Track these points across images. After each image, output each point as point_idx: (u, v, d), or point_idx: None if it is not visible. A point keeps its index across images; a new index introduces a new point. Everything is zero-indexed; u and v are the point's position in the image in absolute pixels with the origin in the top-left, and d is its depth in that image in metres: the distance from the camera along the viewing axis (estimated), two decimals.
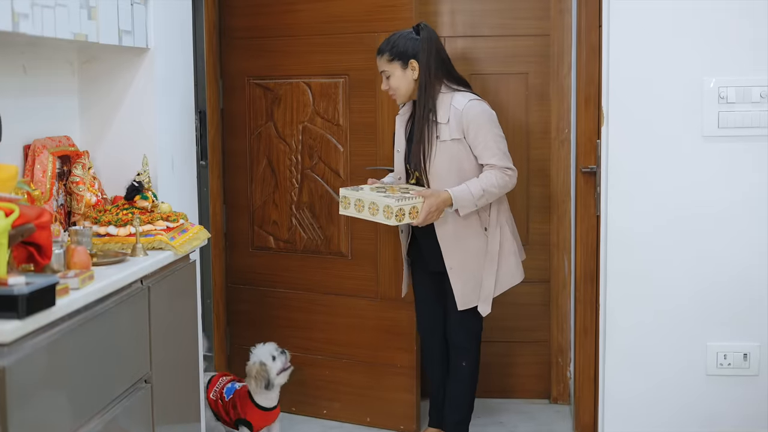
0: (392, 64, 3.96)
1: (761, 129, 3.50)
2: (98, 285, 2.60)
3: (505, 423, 4.72)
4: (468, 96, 3.93)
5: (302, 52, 4.63)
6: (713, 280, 3.59)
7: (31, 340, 2.23)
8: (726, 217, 3.56)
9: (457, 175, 3.89)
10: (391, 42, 3.98)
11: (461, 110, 3.87)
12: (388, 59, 3.96)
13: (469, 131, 3.87)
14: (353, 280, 4.64)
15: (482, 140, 3.88)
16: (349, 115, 4.54)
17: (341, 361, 4.70)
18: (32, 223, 2.37)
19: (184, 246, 3.23)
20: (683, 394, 3.64)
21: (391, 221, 3.73)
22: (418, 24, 4.01)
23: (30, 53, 3.20)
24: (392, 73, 3.97)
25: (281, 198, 4.75)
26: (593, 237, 4.32)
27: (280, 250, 4.81)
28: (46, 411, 2.32)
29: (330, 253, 4.68)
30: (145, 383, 2.98)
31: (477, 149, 3.89)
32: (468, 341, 4.15)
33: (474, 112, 3.87)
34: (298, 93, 4.65)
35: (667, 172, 3.58)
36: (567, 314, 4.93)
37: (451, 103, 3.90)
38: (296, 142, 4.68)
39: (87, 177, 3.32)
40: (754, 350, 3.59)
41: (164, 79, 3.65)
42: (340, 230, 4.64)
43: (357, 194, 3.82)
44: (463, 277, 4.00)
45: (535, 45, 4.88)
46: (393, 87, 3.98)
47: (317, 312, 4.74)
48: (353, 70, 4.51)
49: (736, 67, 3.51)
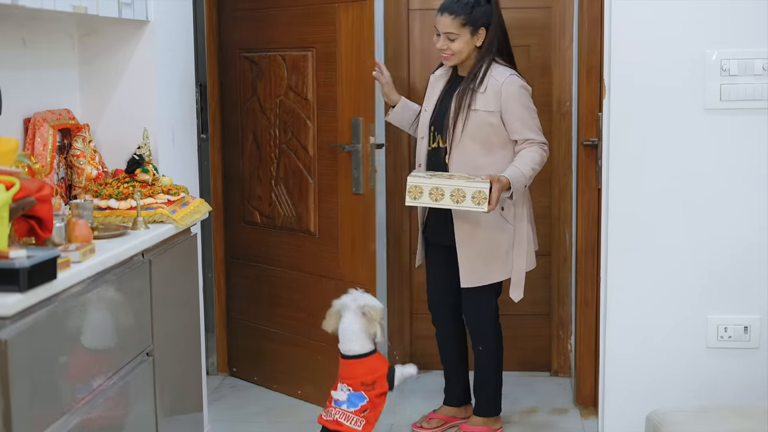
0: (463, 29, 3.88)
1: (763, 102, 3.49)
2: (99, 258, 2.60)
3: (506, 395, 4.72)
4: (508, 70, 3.92)
5: (281, 23, 4.53)
6: (714, 253, 3.59)
7: (32, 313, 2.24)
8: (727, 190, 3.56)
9: (480, 146, 3.89)
10: (468, 7, 3.88)
11: (501, 83, 3.86)
12: (461, 23, 3.88)
13: (508, 106, 3.87)
14: (321, 259, 4.49)
15: (520, 116, 3.89)
16: (316, 89, 4.40)
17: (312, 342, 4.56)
18: (33, 196, 2.37)
19: (185, 219, 3.23)
20: (684, 366, 3.65)
21: (483, 207, 3.66)
22: None
23: (29, 26, 3.19)
24: (459, 36, 3.89)
25: (264, 173, 4.70)
26: (594, 210, 4.32)
27: (264, 225, 4.77)
28: (48, 384, 2.33)
29: (300, 231, 4.57)
30: (147, 356, 2.99)
31: (513, 124, 3.88)
32: (480, 322, 4.12)
33: (514, 87, 3.88)
34: (275, 66, 4.57)
35: (668, 145, 3.57)
36: (568, 287, 4.93)
37: (491, 75, 3.89)
38: (274, 116, 4.60)
39: (88, 150, 3.32)
40: (755, 323, 3.60)
41: (164, 51, 3.64)
42: (308, 208, 4.50)
43: (431, 181, 3.69)
44: (472, 253, 3.98)
45: (537, 17, 4.86)
46: (455, 50, 3.91)
47: (291, 289, 4.67)
48: (320, 43, 4.36)
49: (738, 40, 3.49)
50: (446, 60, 3.98)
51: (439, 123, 3.99)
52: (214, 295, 5.00)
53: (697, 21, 3.51)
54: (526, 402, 4.66)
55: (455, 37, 3.89)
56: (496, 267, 4.01)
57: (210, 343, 4.96)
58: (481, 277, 4.01)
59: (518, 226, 4.00)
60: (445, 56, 3.96)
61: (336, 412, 3.63)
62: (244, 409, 4.60)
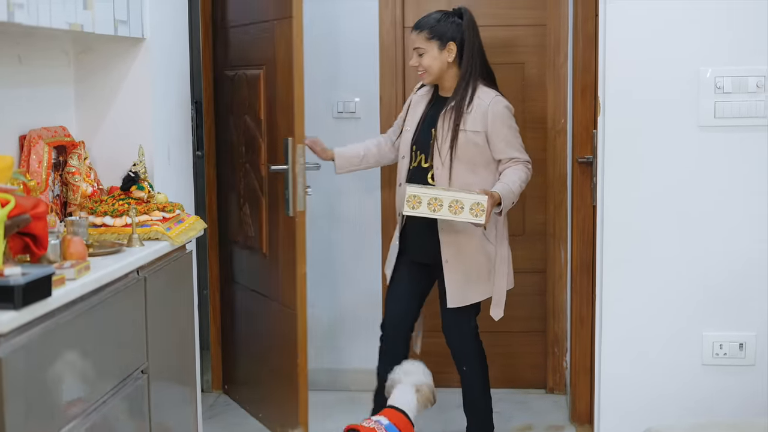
0: (430, 43, 3.94)
1: (757, 119, 3.50)
2: (94, 275, 2.60)
3: (502, 413, 4.73)
4: (492, 91, 3.98)
5: (247, 40, 4.51)
6: (709, 270, 3.59)
7: (27, 330, 2.23)
8: (722, 207, 3.56)
9: (465, 166, 3.92)
10: (432, 20, 3.95)
11: (488, 104, 3.92)
12: (427, 37, 3.94)
13: (494, 126, 3.91)
14: (269, 281, 4.44)
15: (504, 135, 3.93)
16: (265, 108, 4.32)
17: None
18: (28, 213, 2.37)
19: (180, 236, 3.23)
20: (679, 383, 3.65)
21: (480, 220, 3.67)
22: (459, 8, 4.01)
23: (25, 43, 3.20)
24: (428, 51, 3.95)
25: (234, 192, 4.70)
26: (589, 227, 4.32)
27: (236, 242, 4.76)
28: (43, 401, 2.32)
29: (258, 251, 4.51)
30: (142, 374, 2.98)
31: (499, 144, 3.92)
32: (463, 342, 4.11)
33: (500, 107, 3.94)
34: (241, 85, 4.56)
35: (663, 162, 3.57)
36: (563, 304, 4.93)
37: (478, 95, 3.94)
38: (241, 135, 4.58)
39: (83, 167, 3.32)
40: (750, 340, 3.59)
41: (160, 69, 3.65)
42: (261, 228, 4.44)
43: (430, 191, 3.69)
44: (458, 272, 3.98)
45: (532, 35, 4.88)
46: (425, 66, 3.96)
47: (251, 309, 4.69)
48: (269, 61, 4.26)
49: (732, 57, 3.50)
50: (422, 77, 4.03)
51: (422, 142, 4.01)
52: (209, 312, 4.99)
53: (691, 39, 3.52)
54: (521, 419, 4.66)
55: (423, 52, 3.95)
56: (479, 286, 4.02)
57: (205, 361, 4.95)
58: (466, 297, 4.01)
59: (499, 246, 4.03)
60: (420, 73, 4.01)
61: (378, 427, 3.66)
62: (239, 427, 4.59)
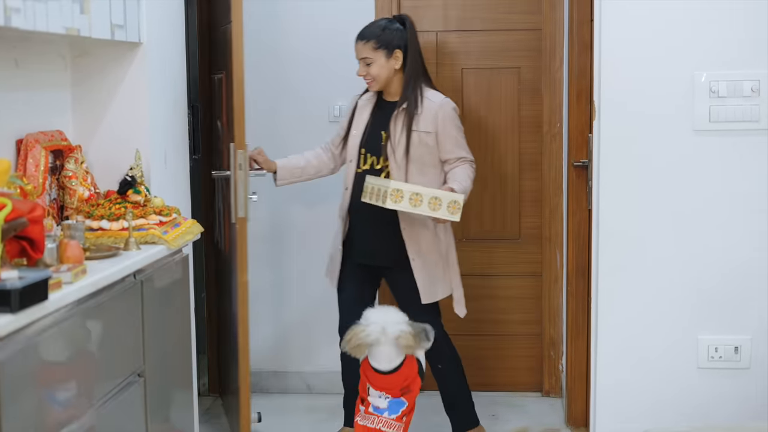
0: (377, 52, 4.00)
1: (752, 123, 3.51)
2: (91, 279, 2.60)
3: (498, 416, 4.73)
4: (439, 93, 4.09)
5: (218, 44, 4.50)
6: (705, 273, 3.60)
7: (24, 334, 2.23)
8: (717, 211, 3.57)
9: (415, 166, 4.00)
10: (377, 29, 4.02)
11: (438, 105, 4.01)
12: (373, 47, 4.00)
13: (444, 127, 4.00)
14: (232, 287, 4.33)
15: (453, 136, 4.04)
16: (226, 112, 4.28)
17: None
18: (25, 217, 2.37)
19: (176, 240, 3.24)
20: (675, 387, 3.65)
21: (456, 217, 3.77)
22: (400, 15, 4.11)
23: (22, 47, 3.20)
24: (375, 60, 4.01)
25: (219, 196, 4.69)
26: (585, 231, 4.33)
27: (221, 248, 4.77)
28: (40, 405, 2.32)
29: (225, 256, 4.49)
30: (138, 377, 2.98)
31: (448, 144, 4.02)
32: (435, 341, 4.10)
33: (449, 108, 4.04)
34: (215, 88, 4.57)
35: (658, 166, 3.59)
36: (559, 308, 4.94)
37: (426, 97, 4.02)
38: (216, 140, 4.59)
39: (80, 171, 3.32)
40: (745, 343, 3.60)
41: (157, 73, 3.65)
42: (226, 234, 4.37)
43: (413, 188, 3.77)
44: (425, 270, 4.05)
45: (527, 39, 4.89)
46: (373, 74, 4.02)
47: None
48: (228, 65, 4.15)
49: (727, 62, 3.52)
50: (369, 85, 4.08)
51: (372, 145, 4.06)
52: (205, 315, 4.99)
53: (686, 43, 3.53)
54: (517, 422, 4.66)
55: (371, 62, 4.00)
56: (442, 283, 4.11)
57: (201, 364, 4.95)
58: (435, 293, 4.09)
59: (450, 245, 4.14)
60: (368, 82, 4.06)
61: (379, 421, 3.63)
62: None
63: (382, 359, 3.61)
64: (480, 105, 4.93)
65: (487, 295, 5.00)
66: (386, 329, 3.57)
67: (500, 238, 5.00)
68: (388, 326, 3.58)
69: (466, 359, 4.98)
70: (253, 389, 5.07)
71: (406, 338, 3.57)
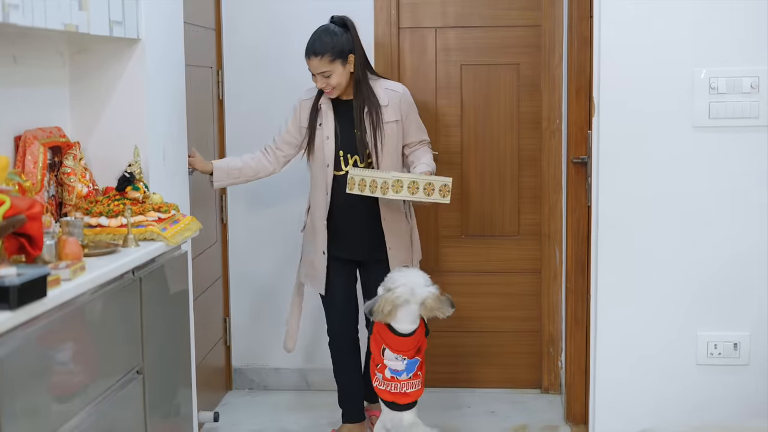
0: (334, 64, 4.05)
1: (751, 119, 3.51)
2: (89, 276, 2.60)
3: (497, 412, 4.73)
4: (392, 81, 4.34)
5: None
6: (704, 270, 3.60)
7: (22, 331, 2.23)
8: (716, 208, 3.57)
9: (392, 154, 4.14)
10: (328, 42, 4.05)
11: (401, 93, 4.17)
12: (330, 60, 4.04)
13: (408, 113, 4.18)
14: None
15: (416, 120, 4.25)
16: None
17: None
18: (23, 214, 2.37)
19: (175, 237, 3.23)
20: (674, 383, 3.65)
21: (447, 199, 3.95)
22: (341, 17, 4.15)
23: (20, 44, 3.20)
24: (333, 71, 4.06)
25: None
26: (584, 227, 4.33)
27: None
28: (39, 401, 2.32)
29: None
30: (137, 374, 2.98)
31: (412, 128, 4.23)
32: None
33: (409, 94, 4.23)
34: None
35: (657, 163, 3.58)
36: (558, 304, 4.94)
37: (385, 87, 4.16)
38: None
39: (78, 168, 3.31)
40: (744, 340, 3.60)
41: (155, 69, 3.65)
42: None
43: (411, 176, 3.90)
44: (399, 258, 4.19)
45: (527, 36, 4.89)
46: (333, 84, 4.08)
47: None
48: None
49: (726, 58, 3.51)
50: (330, 94, 4.13)
51: (349, 146, 4.13)
52: None
53: (685, 40, 3.52)
54: (516, 419, 4.66)
55: (330, 74, 4.06)
56: (409, 262, 4.25)
57: None
58: None
59: (413, 226, 4.29)
60: (328, 91, 4.11)
61: (402, 385, 3.85)
62: (236, 427, 4.59)
63: (408, 321, 3.82)
64: (479, 102, 4.93)
65: (487, 291, 5.00)
66: (415, 290, 3.79)
67: (499, 235, 5.00)
68: (416, 288, 3.81)
69: (465, 356, 5.00)
70: (251, 386, 5.09)
71: (433, 300, 3.79)
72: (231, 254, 5.08)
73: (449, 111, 4.95)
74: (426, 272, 3.97)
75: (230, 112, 4.99)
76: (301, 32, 4.25)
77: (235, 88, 4.98)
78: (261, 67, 4.95)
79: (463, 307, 4.98)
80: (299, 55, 4.12)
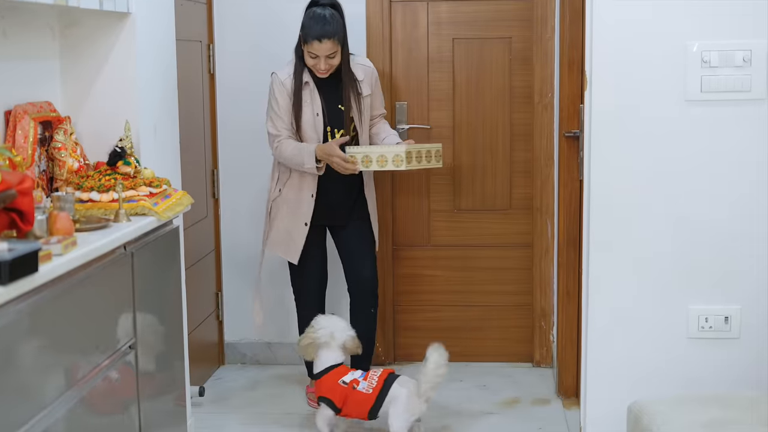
0: (338, 44, 4.13)
1: (744, 93, 3.50)
2: (81, 251, 2.59)
3: (488, 386, 4.75)
4: (359, 55, 4.46)
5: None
6: (695, 244, 3.60)
7: (14, 306, 2.23)
8: (708, 181, 3.57)
9: (367, 126, 4.34)
10: (334, 25, 4.11)
11: (371, 69, 4.35)
12: (338, 41, 4.12)
13: (375, 87, 4.40)
14: None
15: (380, 94, 4.47)
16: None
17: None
18: (14, 189, 2.36)
19: (167, 212, 3.23)
20: (665, 357, 3.66)
21: (440, 163, 4.28)
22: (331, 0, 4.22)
23: (10, 18, 3.17)
24: (337, 51, 4.15)
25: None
26: (576, 201, 4.33)
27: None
28: (30, 377, 2.32)
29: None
30: (130, 349, 2.98)
31: (377, 102, 4.43)
32: (375, 285, 4.41)
33: (375, 69, 4.42)
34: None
35: (650, 137, 3.58)
36: (550, 278, 4.95)
37: (358, 63, 4.30)
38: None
39: (69, 143, 3.30)
40: (735, 313, 3.61)
41: (146, 44, 3.63)
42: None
43: (413, 147, 4.14)
44: (374, 216, 4.40)
45: (518, 9, 4.87)
46: (335, 64, 4.17)
47: None
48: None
49: (719, 32, 3.50)
50: (323, 74, 4.18)
51: (335, 121, 4.25)
52: None
53: (678, 13, 3.51)
54: (507, 393, 4.68)
55: (335, 54, 4.14)
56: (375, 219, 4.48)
57: None
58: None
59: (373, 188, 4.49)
60: (323, 72, 4.16)
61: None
62: (228, 402, 4.61)
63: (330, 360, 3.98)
64: (471, 75, 4.92)
65: (478, 266, 5.01)
66: (334, 334, 3.99)
67: (491, 209, 5.00)
68: (336, 332, 4.00)
69: (457, 330, 5.01)
70: (248, 360, 5.11)
71: (351, 344, 4.01)
72: (223, 229, 5.08)
73: (441, 85, 4.94)
74: (418, 247, 4.05)
75: (221, 87, 4.98)
76: (292, 6, 4.24)
77: (225, 62, 4.96)
78: (252, 41, 4.93)
79: (455, 281, 4.99)
80: (290, 30, 4.11)
